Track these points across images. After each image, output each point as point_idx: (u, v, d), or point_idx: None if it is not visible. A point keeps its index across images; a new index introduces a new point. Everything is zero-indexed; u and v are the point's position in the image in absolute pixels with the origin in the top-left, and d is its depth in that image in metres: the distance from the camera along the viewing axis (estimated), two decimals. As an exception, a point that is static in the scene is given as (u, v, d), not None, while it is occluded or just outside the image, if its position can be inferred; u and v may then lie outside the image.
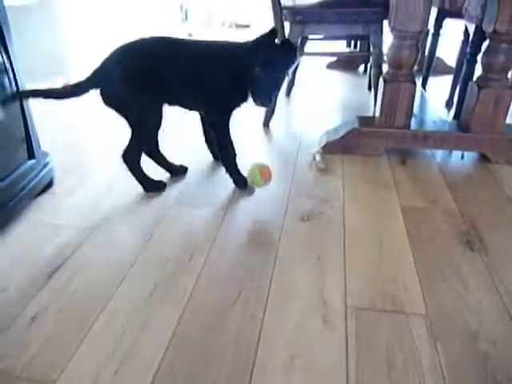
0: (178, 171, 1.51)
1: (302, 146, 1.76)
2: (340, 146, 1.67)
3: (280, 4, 1.76)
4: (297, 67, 2.30)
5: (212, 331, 0.87)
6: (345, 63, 2.98)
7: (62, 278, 1.02)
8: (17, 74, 1.19)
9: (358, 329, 0.88)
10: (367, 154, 1.65)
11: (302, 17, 1.73)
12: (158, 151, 1.45)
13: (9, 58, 1.16)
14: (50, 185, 1.41)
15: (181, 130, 1.89)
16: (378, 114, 1.64)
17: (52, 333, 0.87)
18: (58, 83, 2.28)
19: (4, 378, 0.78)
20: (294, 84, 2.41)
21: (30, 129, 1.27)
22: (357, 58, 3.00)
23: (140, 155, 1.37)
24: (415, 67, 1.52)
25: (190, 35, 4.20)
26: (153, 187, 1.40)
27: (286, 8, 1.76)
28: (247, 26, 4.85)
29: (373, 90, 1.98)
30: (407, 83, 1.51)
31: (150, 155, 1.45)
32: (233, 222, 1.25)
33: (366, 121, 1.72)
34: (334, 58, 3.02)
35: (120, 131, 1.37)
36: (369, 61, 2.84)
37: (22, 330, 0.88)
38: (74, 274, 1.03)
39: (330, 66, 3.01)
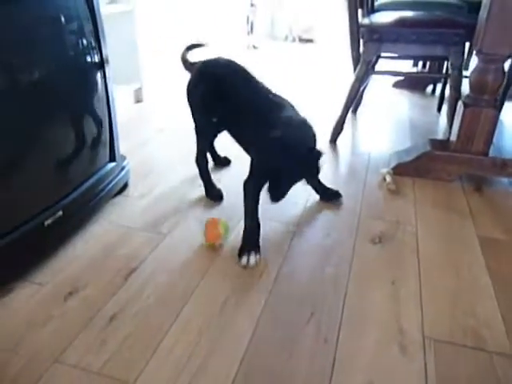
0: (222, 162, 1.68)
1: (370, 165, 1.73)
2: (411, 169, 1.63)
3: (358, 22, 1.75)
4: (365, 86, 2.27)
5: (285, 350, 0.86)
6: (412, 83, 2.91)
7: (138, 280, 1.05)
8: (107, 76, 1.25)
9: (438, 362, 0.84)
10: (439, 178, 1.59)
11: (378, 35, 1.71)
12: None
13: (101, 59, 1.22)
14: (124, 187, 1.46)
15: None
16: (453, 137, 1.58)
17: (129, 334, 0.89)
18: (131, 89, 2.37)
19: (85, 374, 0.80)
20: (361, 102, 2.38)
21: (114, 132, 1.32)
22: (425, 77, 2.93)
23: (204, 157, 1.44)
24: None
25: (254, 47, 4.26)
26: (211, 195, 1.44)
27: (363, 26, 1.75)
28: (311, 41, 4.86)
29: (447, 112, 1.92)
30: (490, 109, 1.45)
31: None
32: (303, 239, 1.24)
33: (439, 144, 1.67)
34: (401, 77, 2.96)
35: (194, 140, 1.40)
36: (439, 82, 2.77)
37: (101, 329, 0.90)
38: (149, 277, 1.06)
39: (397, 84, 2.95)
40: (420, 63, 3.16)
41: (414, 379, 0.81)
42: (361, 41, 1.84)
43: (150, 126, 2.11)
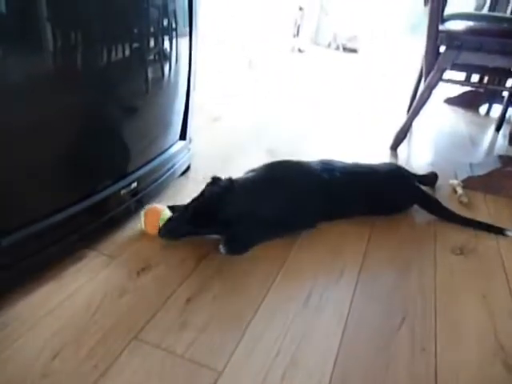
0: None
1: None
2: (482, 184, 1.55)
3: (437, 27, 1.69)
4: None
5: (381, 356, 0.79)
6: (466, 100, 2.83)
7: (211, 265, 0.98)
8: (193, 49, 1.21)
9: (551, 388, 0.76)
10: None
11: (460, 42, 1.64)
12: None
13: (191, 34, 1.17)
14: (187, 169, 1.40)
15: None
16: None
17: (210, 318, 0.83)
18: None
19: (168, 356, 0.74)
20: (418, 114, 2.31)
21: (190, 108, 1.26)
22: (480, 96, 2.84)
23: None
24: None
25: (300, 51, 4.22)
26: None
27: (443, 32, 1.68)
28: (354, 51, 4.81)
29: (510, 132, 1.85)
30: None
31: None
32: (380, 241, 1.17)
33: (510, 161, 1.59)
34: (453, 94, 2.89)
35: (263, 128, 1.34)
36: (495, 103, 2.70)
37: (180, 310, 0.84)
38: (223, 263, 0.99)
39: (449, 101, 2.88)
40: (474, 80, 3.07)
41: (526, 403, 0.73)
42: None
43: (204, 115, 2.06)
